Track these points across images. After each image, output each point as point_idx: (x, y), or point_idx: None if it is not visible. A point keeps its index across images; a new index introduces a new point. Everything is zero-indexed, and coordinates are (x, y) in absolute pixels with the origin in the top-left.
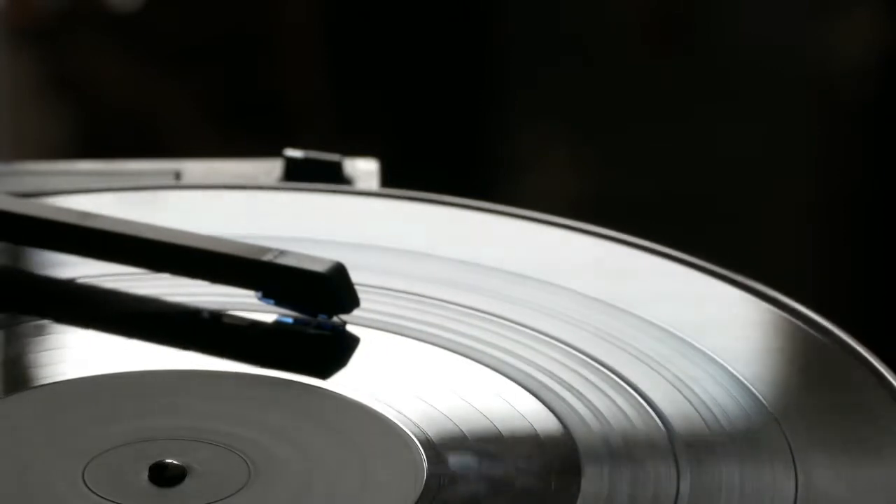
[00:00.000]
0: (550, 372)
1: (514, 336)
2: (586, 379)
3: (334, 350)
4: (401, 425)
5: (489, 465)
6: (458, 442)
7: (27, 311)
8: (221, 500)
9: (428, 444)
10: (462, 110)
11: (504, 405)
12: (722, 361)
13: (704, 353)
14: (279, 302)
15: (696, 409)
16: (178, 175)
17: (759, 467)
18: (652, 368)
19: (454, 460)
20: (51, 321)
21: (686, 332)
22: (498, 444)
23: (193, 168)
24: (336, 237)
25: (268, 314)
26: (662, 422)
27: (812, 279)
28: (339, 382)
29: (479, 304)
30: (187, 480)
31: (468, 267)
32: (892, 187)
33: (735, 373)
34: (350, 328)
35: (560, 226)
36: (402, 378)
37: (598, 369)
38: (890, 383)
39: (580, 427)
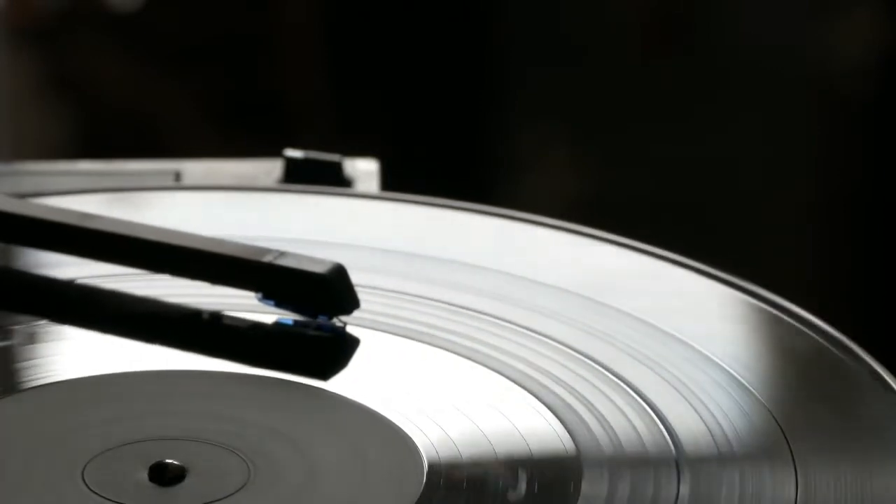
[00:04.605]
0: (550, 373)
1: (514, 337)
2: (586, 380)
3: (334, 351)
4: (401, 426)
5: (489, 466)
6: (458, 442)
7: (27, 311)
8: (221, 500)
9: (428, 444)
10: (462, 110)
11: (504, 406)
12: (722, 363)
13: (704, 356)
14: (279, 303)
15: (696, 411)
16: (178, 175)
17: (759, 470)
18: (653, 371)
19: (453, 460)
20: (50, 321)
21: (686, 334)
22: (498, 444)
23: (193, 168)
24: (336, 238)
25: (268, 315)
26: (664, 425)
27: (812, 279)
28: (340, 383)
29: (478, 304)
30: (187, 480)
31: (468, 268)
32: (892, 187)
33: (735, 374)
34: (350, 329)
35: (559, 228)
36: (402, 379)
37: (598, 371)
38: (890, 385)
39: (581, 429)
